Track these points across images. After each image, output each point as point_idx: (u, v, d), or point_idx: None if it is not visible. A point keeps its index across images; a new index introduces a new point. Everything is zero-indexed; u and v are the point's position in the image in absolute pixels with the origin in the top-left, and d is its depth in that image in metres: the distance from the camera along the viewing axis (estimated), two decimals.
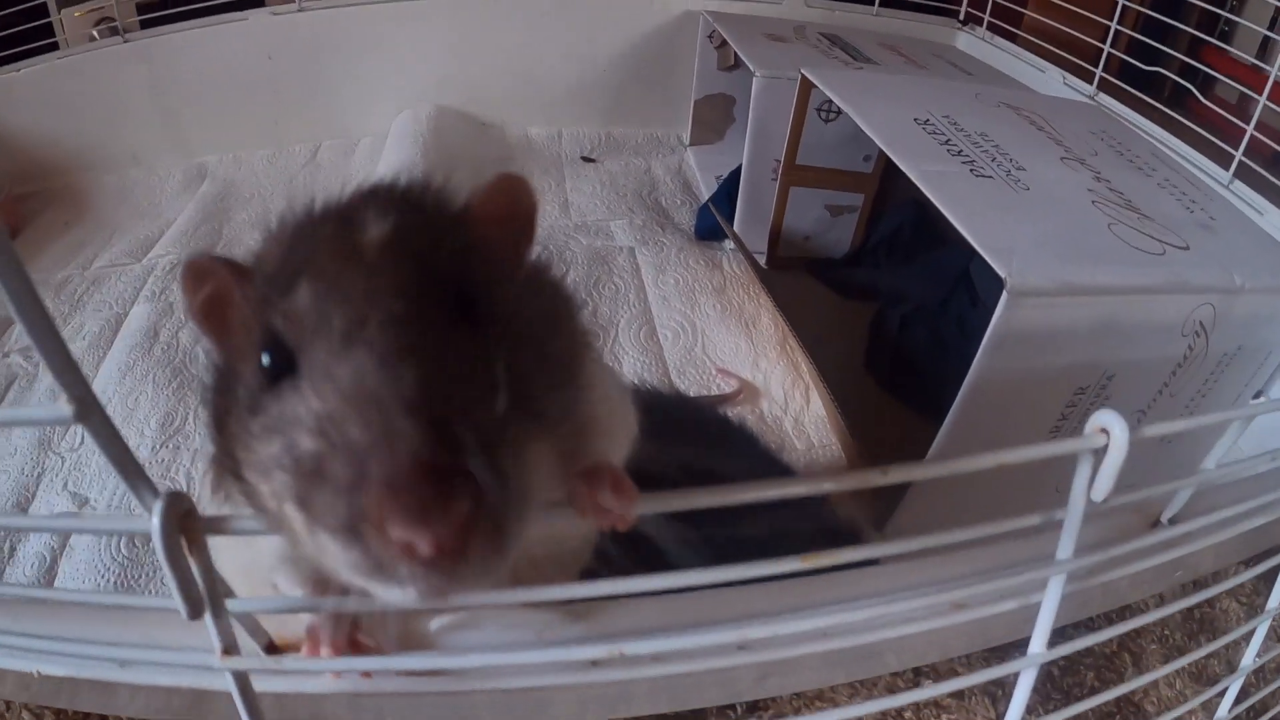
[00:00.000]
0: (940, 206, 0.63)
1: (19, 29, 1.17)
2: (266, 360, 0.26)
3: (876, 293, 0.99)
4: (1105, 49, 1.03)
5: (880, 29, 1.29)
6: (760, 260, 1.04)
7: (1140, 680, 0.50)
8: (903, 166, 0.68)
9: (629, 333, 0.93)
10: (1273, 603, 0.44)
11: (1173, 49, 1.02)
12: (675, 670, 0.31)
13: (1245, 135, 0.85)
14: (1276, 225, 0.80)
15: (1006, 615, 0.32)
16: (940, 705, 0.54)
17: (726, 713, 0.51)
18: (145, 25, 1.25)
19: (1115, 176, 0.75)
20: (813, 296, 1.01)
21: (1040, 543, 0.32)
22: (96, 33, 1.26)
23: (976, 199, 0.65)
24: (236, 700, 0.29)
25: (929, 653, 0.40)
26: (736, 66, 1.20)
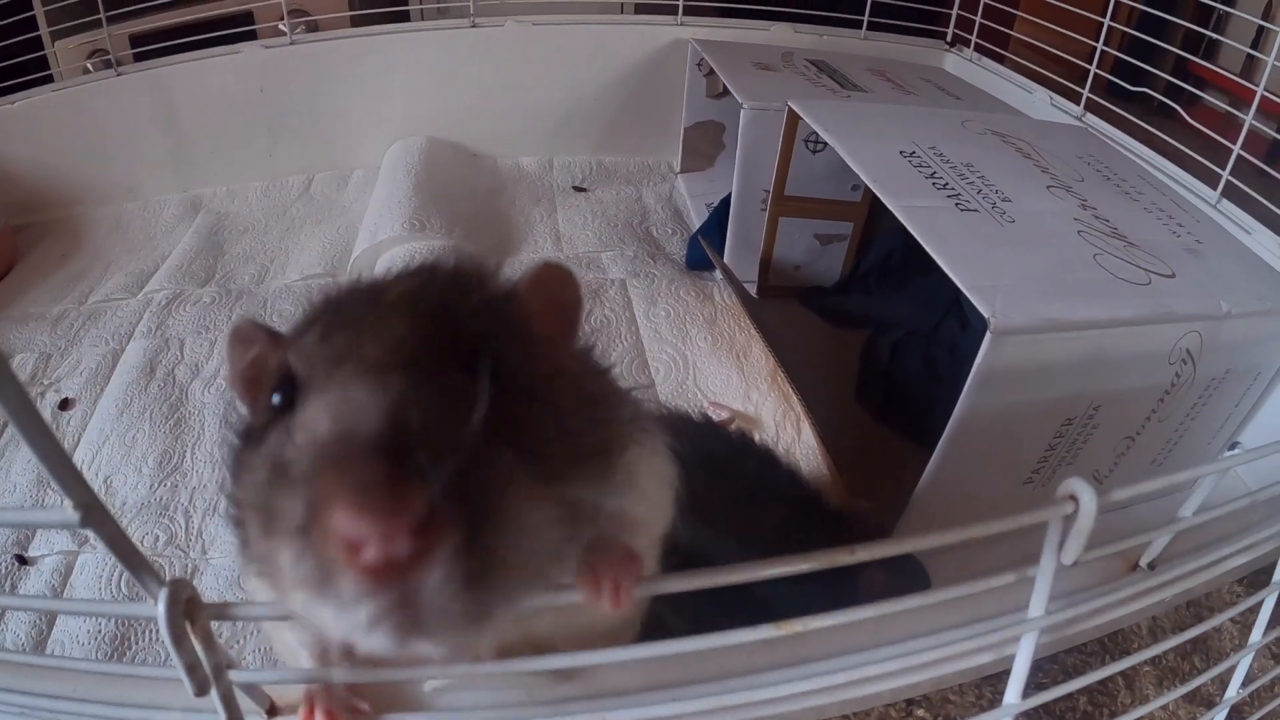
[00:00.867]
0: (924, 244, 0.63)
1: (13, 61, 1.18)
2: (276, 399, 0.27)
3: (868, 320, 0.99)
4: (1091, 69, 1.04)
5: (868, 52, 1.30)
6: (751, 290, 1.04)
7: (1135, 713, 0.51)
8: (888, 203, 0.69)
9: (621, 367, 0.92)
10: (1255, 637, 0.45)
11: (1158, 66, 1.03)
12: None
13: (1232, 155, 0.86)
14: (1264, 244, 0.81)
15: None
16: None
17: None
18: (139, 58, 1.26)
19: (1102, 203, 0.76)
20: (804, 326, 1.01)
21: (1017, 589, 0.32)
22: (90, 65, 1.28)
23: (961, 234, 0.66)
24: None
25: (921, 685, 0.40)
26: (725, 94, 1.20)
